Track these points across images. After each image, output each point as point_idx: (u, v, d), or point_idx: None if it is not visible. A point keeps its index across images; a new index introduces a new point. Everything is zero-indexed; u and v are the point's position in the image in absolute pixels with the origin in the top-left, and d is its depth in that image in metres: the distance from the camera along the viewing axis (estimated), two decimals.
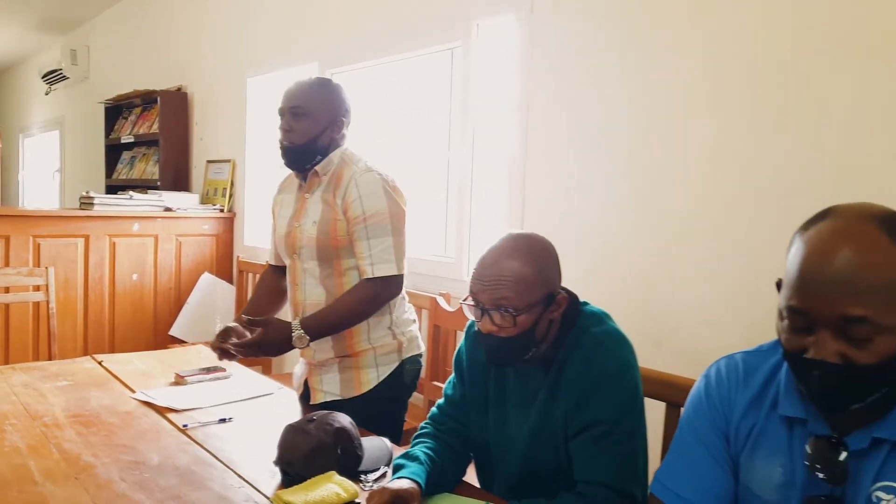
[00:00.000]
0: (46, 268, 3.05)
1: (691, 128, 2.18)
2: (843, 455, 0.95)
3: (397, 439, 1.93)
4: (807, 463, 0.98)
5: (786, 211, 1.96)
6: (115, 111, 5.72)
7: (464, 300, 1.41)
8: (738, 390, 1.11)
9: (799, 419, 1.03)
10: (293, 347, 1.87)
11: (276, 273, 2.20)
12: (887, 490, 0.94)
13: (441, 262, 3.12)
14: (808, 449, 0.98)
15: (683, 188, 2.21)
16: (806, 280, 0.93)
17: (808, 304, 0.93)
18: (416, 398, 2.83)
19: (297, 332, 1.85)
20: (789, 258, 0.98)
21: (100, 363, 2.38)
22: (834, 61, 1.86)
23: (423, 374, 2.84)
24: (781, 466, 1.03)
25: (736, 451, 1.10)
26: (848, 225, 0.94)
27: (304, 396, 2.07)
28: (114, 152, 5.72)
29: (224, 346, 1.82)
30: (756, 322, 1.99)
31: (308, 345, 1.87)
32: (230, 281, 4.53)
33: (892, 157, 1.77)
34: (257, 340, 1.81)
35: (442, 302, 2.82)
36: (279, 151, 2.00)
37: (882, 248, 0.91)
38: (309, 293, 2.00)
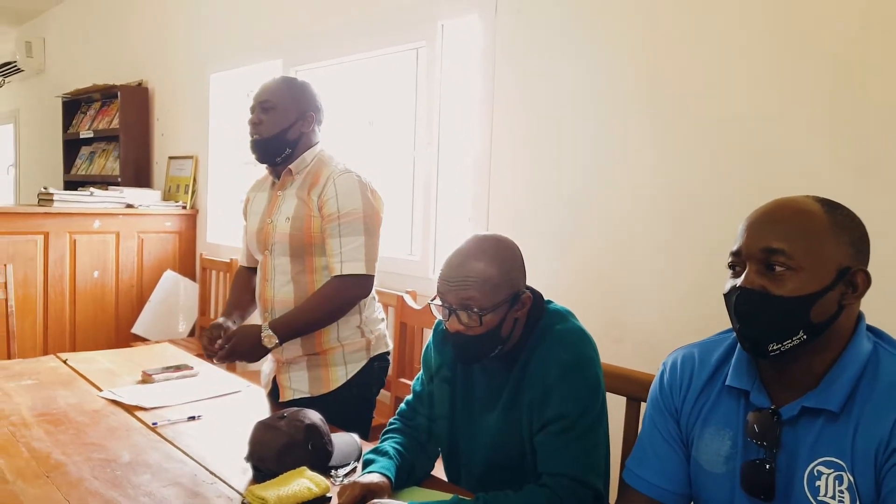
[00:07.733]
0: (5, 265, 3.00)
1: (654, 126, 2.25)
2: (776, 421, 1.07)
3: (365, 436, 1.97)
4: (747, 433, 1.09)
5: (740, 211, 2.02)
6: (74, 105, 5.63)
7: (432, 300, 1.45)
8: (693, 376, 1.21)
9: (744, 391, 1.13)
10: (267, 350, 1.91)
11: (249, 273, 2.22)
12: (828, 465, 1.03)
13: (407, 260, 3.15)
14: (748, 419, 1.09)
15: (643, 187, 2.28)
16: (744, 225, 1.10)
17: (741, 242, 1.08)
18: (384, 395, 2.86)
19: (266, 333, 1.89)
20: None
21: (64, 361, 2.37)
22: (782, 61, 1.95)
23: (390, 371, 2.88)
24: (730, 439, 1.14)
25: (687, 431, 1.20)
26: (792, 196, 1.11)
27: (273, 394, 2.09)
28: (72, 147, 5.63)
29: (211, 348, 1.92)
30: (712, 317, 2.07)
31: (277, 345, 1.91)
32: (193, 279, 4.50)
33: (837, 157, 1.86)
34: (232, 349, 1.88)
35: (408, 300, 2.86)
36: (249, 147, 2.03)
37: (814, 209, 1.06)
38: (278, 290, 2.02)
